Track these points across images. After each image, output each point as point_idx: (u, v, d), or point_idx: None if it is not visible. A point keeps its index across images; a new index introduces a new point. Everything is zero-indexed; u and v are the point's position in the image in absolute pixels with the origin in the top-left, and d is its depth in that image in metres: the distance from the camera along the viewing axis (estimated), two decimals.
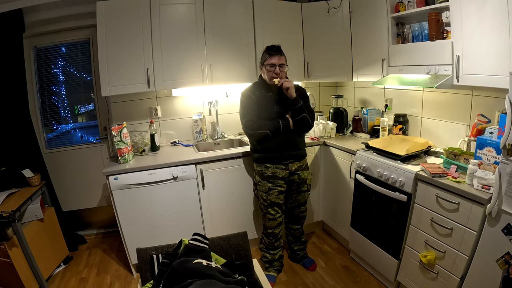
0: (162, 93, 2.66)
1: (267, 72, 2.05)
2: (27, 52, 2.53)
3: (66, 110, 2.82)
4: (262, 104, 2.06)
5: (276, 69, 2.02)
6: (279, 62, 2.02)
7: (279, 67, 2.02)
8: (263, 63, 2.08)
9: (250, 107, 2.07)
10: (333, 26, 2.60)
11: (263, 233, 2.28)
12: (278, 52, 2.04)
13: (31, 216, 2.20)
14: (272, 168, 2.08)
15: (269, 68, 2.03)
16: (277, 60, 2.02)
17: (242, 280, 1.14)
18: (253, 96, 2.08)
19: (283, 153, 2.07)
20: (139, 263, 1.31)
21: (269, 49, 2.07)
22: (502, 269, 1.35)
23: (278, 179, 2.09)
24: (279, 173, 2.08)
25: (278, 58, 2.03)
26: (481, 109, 1.85)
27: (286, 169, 2.09)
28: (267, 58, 2.04)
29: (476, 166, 1.51)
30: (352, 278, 2.21)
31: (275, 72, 2.02)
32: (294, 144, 2.11)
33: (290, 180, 2.14)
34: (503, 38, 1.44)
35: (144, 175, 2.15)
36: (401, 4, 2.07)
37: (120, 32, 2.19)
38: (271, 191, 2.10)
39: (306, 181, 2.19)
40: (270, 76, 2.04)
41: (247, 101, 2.09)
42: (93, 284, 2.28)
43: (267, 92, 2.08)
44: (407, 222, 1.83)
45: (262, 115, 2.05)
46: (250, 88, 2.14)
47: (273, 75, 2.03)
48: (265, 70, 2.06)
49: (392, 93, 2.57)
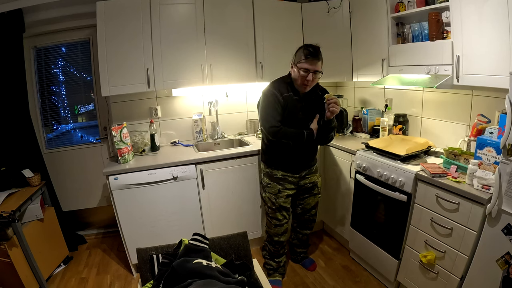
0: (162, 93, 2.66)
1: (299, 75, 1.78)
2: (27, 52, 2.53)
3: (66, 110, 2.82)
4: (289, 108, 1.83)
5: (309, 75, 1.74)
6: (314, 69, 1.74)
7: (313, 74, 1.75)
8: (296, 62, 1.80)
9: (276, 110, 1.81)
10: (333, 26, 2.60)
11: (268, 241, 2.18)
12: (316, 57, 1.74)
13: (31, 216, 2.20)
14: (283, 171, 1.98)
15: (302, 72, 1.76)
16: (312, 65, 1.74)
17: (242, 280, 1.14)
18: (281, 97, 1.82)
19: (297, 164, 1.98)
20: (139, 263, 1.31)
21: (306, 49, 1.75)
22: (502, 269, 1.35)
23: (288, 183, 2.00)
24: (289, 177, 1.99)
25: (315, 63, 1.74)
26: (481, 109, 1.85)
27: (296, 173, 2.00)
28: (302, 60, 1.75)
29: (476, 166, 1.51)
30: (352, 278, 2.21)
31: (307, 78, 1.76)
32: (310, 156, 2.02)
33: (300, 185, 2.04)
34: (503, 38, 1.44)
35: (144, 175, 2.15)
36: (401, 4, 2.07)
37: (120, 32, 2.19)
38: (280, 193, 1.99)
39: (317, 184, 2.11)
40: (302, 82, 1.79)
41: (274, 102, 1.81)
42: (93, 284, 2.28)
43: (295, 95, 1.85)
44: (407, 222, 1.83)
45: (286, 120, 1.83)
46: (277, 87, 1.85)
47: (305, 82, 1.78)
48: (297, 71, 1.79)
49: (392, 93, 2.57)
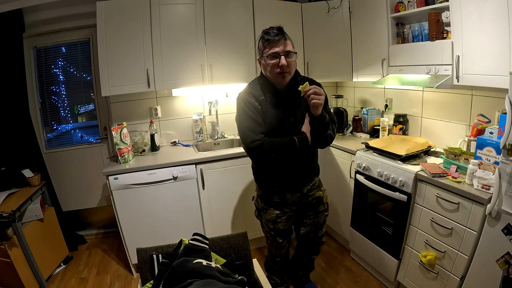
0: (162, 93, 2.66)
1: (269, 67, 1.43)
2: (27, 52, 2.53)
3: (66, 110, 2.82)
4: (269, 113, 1.48)
5: (281, 60, 1.39)
6: (284, 50, 1.39)
7: (284, 57, 1.39)
8: (262, 54, 1.46)
9: (253, 120, 1.45)
10: (333, 26, 2.60)
11: (270, 258, 1.89)
12: (281, 35, 1.40)
13: (31, 216, 2.20)
14: (280, 192, 1.62)
15: (270, 61, 1.41)
16: (280, 46, 1.39)
17: (242, 280, 1.14)
18: (257, 103, 1.47)
19: (295, 176, 1.60)
20: (139, 263, 1.31)
21: (267, 33, 1.42)
22: (502, 269, 1.35)
23: (288, 204, 1.64)
24: (288, 198, 1.62)
25: (282, 43, 1.39)
26: (481, 109, 1.85)
27: (297, 192, 1.63)
28: (266, 47, 1.42)
29: (476, 166, 1.51)
30: (352, 278, 2.21)
31: (281, 64, 1.39)
32: (310, 167, 1.64)
33: (302, 204, 1.68)
34: (503, 38, 1.44)
35: (144, 175, 2.15)
36: (401, 4, 2.07)
37: (120, 32, 2.19)
38: (279, 218, 1.65)
39: (322, 199, 1.74)
40: (274, 73, 1.43)
41: (249, 111, 1.46)
42: (93, 284, 2.28)
43: (274, 95, 1.49)
44: (407, 222, 1.83)
45: (269, 128, 1.47)
46: (250, 91, 1.51)
47: (279, 69, 1.41)
48: (266, 63, 1.44)
49: (392, 93, 2.56)
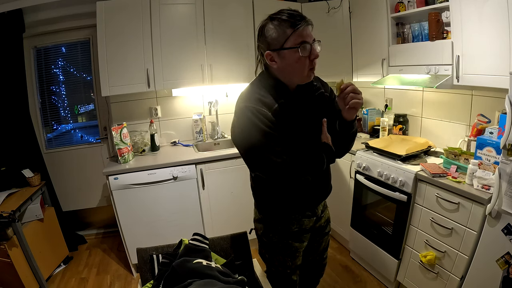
0: (162, 93, 2.66)
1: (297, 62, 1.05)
2: (27, 52, 2.52)
3: (66, 110, 2.82)
4: (286, 126, 1.10)
5: (313, 50, 1.05)
6: (313, 37, 1.05)
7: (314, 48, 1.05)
8: (281, 45, 1.04)
9: (270, 137, 1.05)
10: (333, 26, 2.60)
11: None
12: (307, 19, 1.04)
13: (31, 216, 2.20)
14: (297, 219, 1.28)
15: (302, 53, 1.02)
16: (309, 32, 1.04)
17: (242, 280, 1.14)
18: (270, 114, 1.06)
19: (314, 196, 1.29)
20: (139, 263, 1.31)
21: (286, 15, 1.02)
22: (502, 269, 1.35)
23: (306, 232, 1.32)
24: (306, 224, 1.30)
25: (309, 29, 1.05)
26: (481, 109, 1.85)
27: (313, 216, 1.32)
28: (292, 35, 1.01)
29: (476, 166, 1.51)
30: (352, 278, 2.21)
31: (314, 57, 1.06)
32: (327, 179, 1.34)
33: (315, 228, 1.38)
34: (503, 38, 1.44)
35: (144, 175, 2.15)
36: (401, 4, 2.07)
37: (120, 32, 2.19)
38: (298, 252, 1.33)
39: (329, 219, 1.47)
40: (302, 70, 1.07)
41: (263, 125, 1.04)
42: (93, 284, 2.28)
43: (289, 101, 1.12)
44: (407, 222, 1.83)
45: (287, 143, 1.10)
46: (259, 98, 1.08)
47: (311, 64, 1.07)
48: (289, 56, 1.04)
49: (392, 93, 2.56)
